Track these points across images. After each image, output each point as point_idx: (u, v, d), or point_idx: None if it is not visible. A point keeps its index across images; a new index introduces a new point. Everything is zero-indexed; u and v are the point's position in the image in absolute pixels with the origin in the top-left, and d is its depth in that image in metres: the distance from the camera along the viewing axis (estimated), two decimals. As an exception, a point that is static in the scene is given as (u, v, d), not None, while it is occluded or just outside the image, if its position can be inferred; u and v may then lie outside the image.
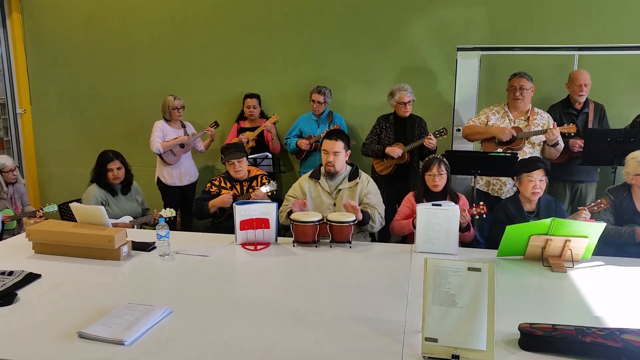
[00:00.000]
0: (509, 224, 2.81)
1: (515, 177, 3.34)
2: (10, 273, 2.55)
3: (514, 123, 4.09)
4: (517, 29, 4.70)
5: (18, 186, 4.39)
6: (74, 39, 5.64)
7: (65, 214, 4.27)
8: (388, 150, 4.24)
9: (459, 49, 4.80)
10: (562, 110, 4.28)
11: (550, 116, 4.12)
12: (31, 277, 2.53)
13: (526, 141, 4.02)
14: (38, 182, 6.15)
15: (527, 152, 4.01)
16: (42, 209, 4.17)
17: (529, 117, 4.05)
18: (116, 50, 5.56)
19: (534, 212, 3.25)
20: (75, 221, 3.06)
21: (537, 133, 3.96)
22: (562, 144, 4.00)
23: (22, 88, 5.92)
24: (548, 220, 2.70)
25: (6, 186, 4.21)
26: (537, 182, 3.18)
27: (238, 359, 1.79)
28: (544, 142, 4.01)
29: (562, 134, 3.94)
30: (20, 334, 1.97)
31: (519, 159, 3.77)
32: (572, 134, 3.98)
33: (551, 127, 3.93)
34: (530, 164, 3.25)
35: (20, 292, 2.35)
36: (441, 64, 4.86)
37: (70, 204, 3.15)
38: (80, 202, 3.61)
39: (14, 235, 3.87)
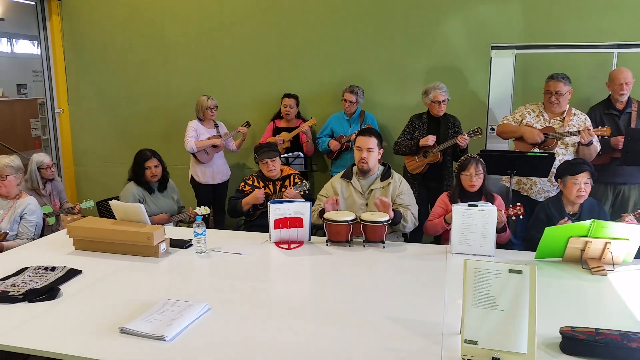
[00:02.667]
0: (548, 225, 2.76)
1: (559, 180, 3.26)
2: (53, 268, 2.63)
3: (549, 123, 4.00)
4: (554, 26, 4.60)
5: (56, 183, 4.51)
6: (111, 40, 5.77)
7: (103, 211, 4.37)
8: (422, 141, 4.21)
9: (493, 47, 4.72)
10: (603, 112, 4.15)
11: (587, 118, 4.00)
12: (73, 273, 2.60)
13: (559, 142, 3.93)
14: (75, 180, 6.30)
15: (559, 152, 3.92)
16: (79, 205, 4.27)
17: (564, 118, 3.96)
18: (152, 51, 5.66)
19: (575, 215, 3.17)
20: (114, 218, 3.13)
21: (570, 134, 3.87)
22: (597, 145, 3.88)
23: (61, 88, 6.07)
24: (588, 222, 2.65)
25: (44, 184, 4.32)
26: (581, 185, 3.11)
27: (275, 357, 1.80)
28: (579, 143, 3.91)
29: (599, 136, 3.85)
30: (64, 328, 2.03)
31: (559, 160, 3.71)
32: (607, 137, 3.87)
33: (585, 129, 3.83)
34: (576, 167, 3.16)
35: (63, 287, 2.42)
36: (475, 62, 4.79)
37: (110, 202, 3.23)
38: (118, 200, 3.69)
39: (53, 231, 3.97)
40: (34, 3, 5.86)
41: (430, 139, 4.19)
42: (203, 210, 3.50)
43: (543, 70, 4.33)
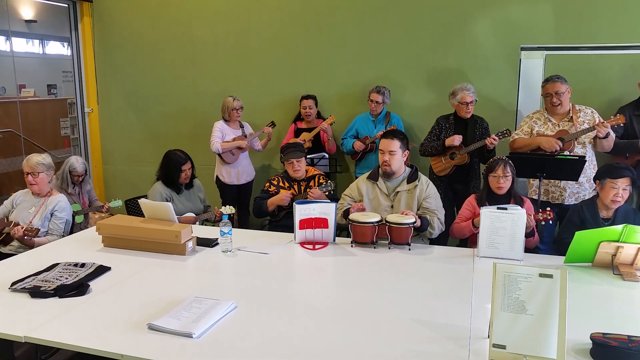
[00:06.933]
0: (582, 229, 2.71)
1: (597, 181, 3.20)
2: (83, 265, 2.68)
3: (559, 126, 3.92)
4: (585, 27, 4.51)
5: (85, 182, 4.57)
6: (141, 41, 5.86)
7: (131, 209, 4.43)
8: (447, 141, 4.17)
9: (522, 49, 4.65)
10: (633, 113, 4.06)
11: (594, 110, 3.93)
12: (102, 270, 2.64)
13: (575, 142, 3.86)
14: (103, 178, 6.41)
15: (578, 152, 3.84)
16: (107, 204, 4.33)
17: (572, 117, 3.89)
18: (180, 52, 5.73)
19: (609, 220, 3.10)
20: (143, 216, 3.18)
21: (585, 132, 3.79)
22: (613, 135, 3.82)
23: (90, 88, 6.19)
24: (619, 226, 2.60)
25: (73, 185, 4.38)
26: (619, 191, 3.05)
27: (299, 357, 1.81)
28: (595, 137, 3.83)
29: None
30: (93, 324, 2.06)
31: (586, 162, 3.64)
32: (622, 124, 3.80)
33: (597, 122, 3.76)
34: (617, 171, 3.09)
35: (92, 284, 2.46)
36: (504, 63, 4.73)
37: (139, 200, 3.27)
38: (147, 198, 3.73)
39: (81, 229, 4.04)
40: (66, 5, 5.98)
41: (457, 139, 4.15)
42: (228, 209, 3.52)
43: (574, 72, 4.25)
